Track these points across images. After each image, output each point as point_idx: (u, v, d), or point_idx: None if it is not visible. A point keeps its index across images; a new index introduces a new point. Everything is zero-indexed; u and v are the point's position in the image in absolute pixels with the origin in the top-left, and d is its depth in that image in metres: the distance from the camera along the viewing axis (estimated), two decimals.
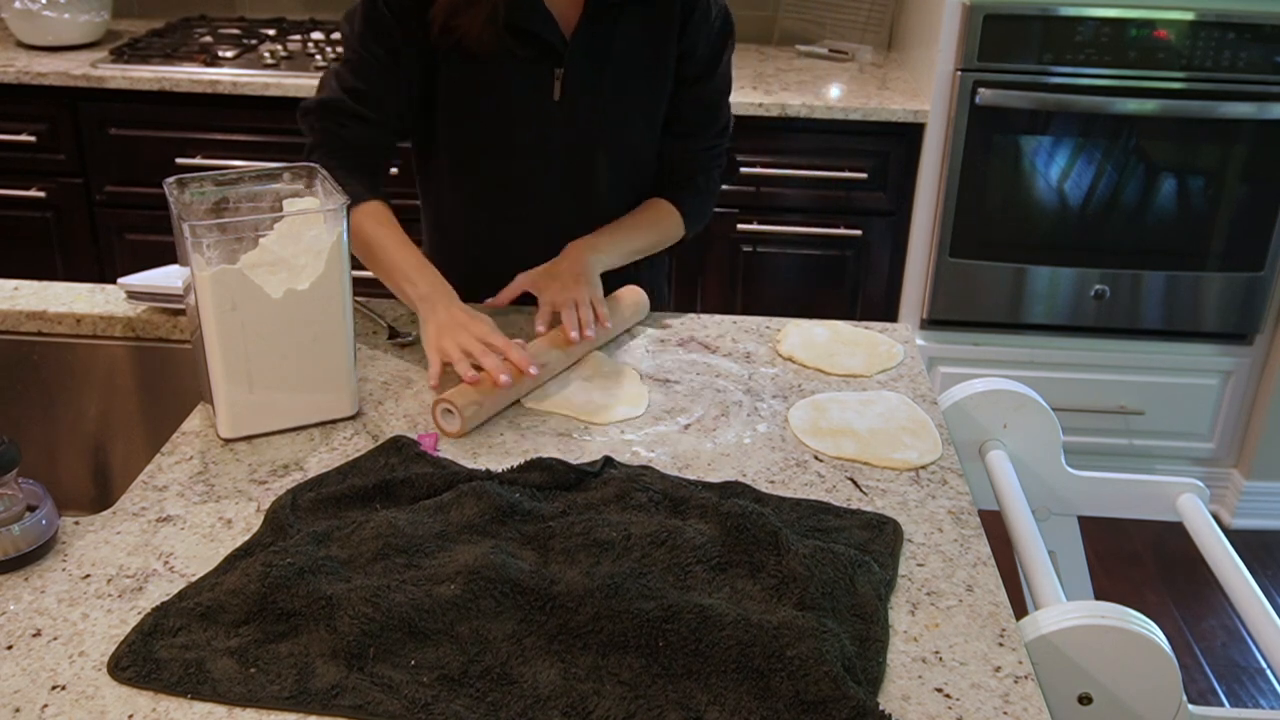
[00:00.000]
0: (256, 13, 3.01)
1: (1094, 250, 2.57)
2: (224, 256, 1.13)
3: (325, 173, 1.23)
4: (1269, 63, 2.41)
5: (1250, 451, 2.76)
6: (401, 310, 1.50)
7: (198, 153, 2.50)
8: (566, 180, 1.49)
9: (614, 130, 1.48)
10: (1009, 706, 0.88)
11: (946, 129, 2.47)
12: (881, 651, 0.92)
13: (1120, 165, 2.51)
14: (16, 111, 2.51)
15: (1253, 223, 2.54)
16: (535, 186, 1.49)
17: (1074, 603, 1.07)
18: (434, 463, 1.15)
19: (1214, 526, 1.38)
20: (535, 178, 1.49)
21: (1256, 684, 2.34)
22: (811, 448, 1.23)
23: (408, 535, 1.00)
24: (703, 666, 0.88)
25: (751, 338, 1.47)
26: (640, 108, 1.48)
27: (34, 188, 2.56)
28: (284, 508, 1.06)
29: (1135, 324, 2.64)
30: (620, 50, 1.42)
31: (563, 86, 1.42)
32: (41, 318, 1.45)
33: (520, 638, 0.91)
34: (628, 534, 1.01)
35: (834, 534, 1.06)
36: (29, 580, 0.98)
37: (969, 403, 1.43)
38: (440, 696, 0.85)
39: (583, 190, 1.50)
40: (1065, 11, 2.37)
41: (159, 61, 2.52)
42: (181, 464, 1.16)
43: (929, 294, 2.61)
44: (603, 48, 1.42)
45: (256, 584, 0.93)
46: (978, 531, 1.10)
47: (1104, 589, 2.46)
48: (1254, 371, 2.70)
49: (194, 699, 0.85)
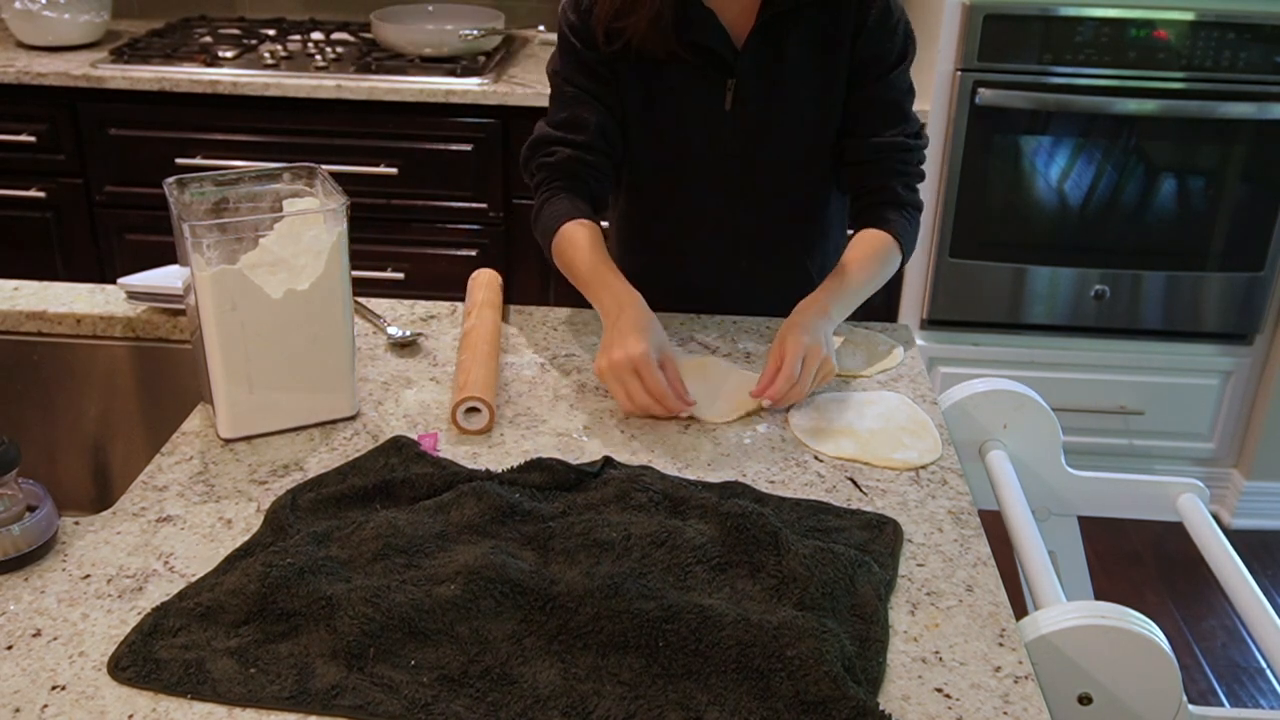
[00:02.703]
0: (256, 13, 3.01)
1: (1094, 250, 2.57)
2: (224, 256, 1.13)
3: (325, 174, 1.23)
4: (1269, 63, 2.41)
5: (1250, 451, 2.76)
6: (402, 310, 1.50)
7: (198, 153, 2.50)
8: (738, 188, 1.49)
9: (784, 139, 1.47)
10: (1009, 706, 0.88)
11: (946, 129, 2.47)
12: (881, 651, 0.92)
13: (1120, 165, 2.51)
14: (16, 111, 2.51)
15: (1253, 223, 2.54)
16: (707, 193, 1.50)
17: (1074, 603, 1.07)
18: (434, 463, 1.15)
19: (1214, 526, 1.38)
20: (707, 185, 1.49)
21: (1256, 684, 2.34)
22: (811, 448, 1.23)
23: (408, 535, 1.00)
24: (703, 666, 0.88)
25: (751, 338, 1.47)
26: (811, 116, 1.46)
27: (34, 188, 2.56)
28: (284, 508, 1.06)
29: (1135, 324, 2.64)
30: (792, 60, 1.41)
31: (734, 96, 1.43)
32: (41, 318, 1.45)
33: (520, 638, 0.91)
34: (628, 534, 1.01)
35: (834, 534, 1.06)
36: (29, 580, 0.98)
37: (969, 403, 1.43)
38: (440, 696, 0.85)
39: (752, 197, 1.50)
40: (1065, 11, 2.37)
41: (159, 61, 2.52)
42: (181, 464, 1.16)
43: (929, 294, 2.61)
44: (775, 58, 1.41)
45: (256, 584, 0.93)
46: (978, 531, 1.10)
47: (1104, 589, 2.46)
48: (1254, 371, 2.70)
49: (194, 699, 0.85)
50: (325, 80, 2.42)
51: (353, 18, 2.93)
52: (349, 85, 2.41)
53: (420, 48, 2.59)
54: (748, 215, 1.51)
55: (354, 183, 2.45)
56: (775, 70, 1.42)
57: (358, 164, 2.48)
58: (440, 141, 2.47)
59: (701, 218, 1.52)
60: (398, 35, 2.61)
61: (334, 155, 2.47)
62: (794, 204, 1.53)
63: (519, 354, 1.40)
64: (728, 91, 1.43)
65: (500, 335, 1.40)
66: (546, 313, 1.51)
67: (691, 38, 1.39)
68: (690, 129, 1.46)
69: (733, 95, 1.43)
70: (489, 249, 2.57)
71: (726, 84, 1.42)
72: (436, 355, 1.39)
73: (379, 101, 2.44)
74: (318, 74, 2.45)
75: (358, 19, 2.91)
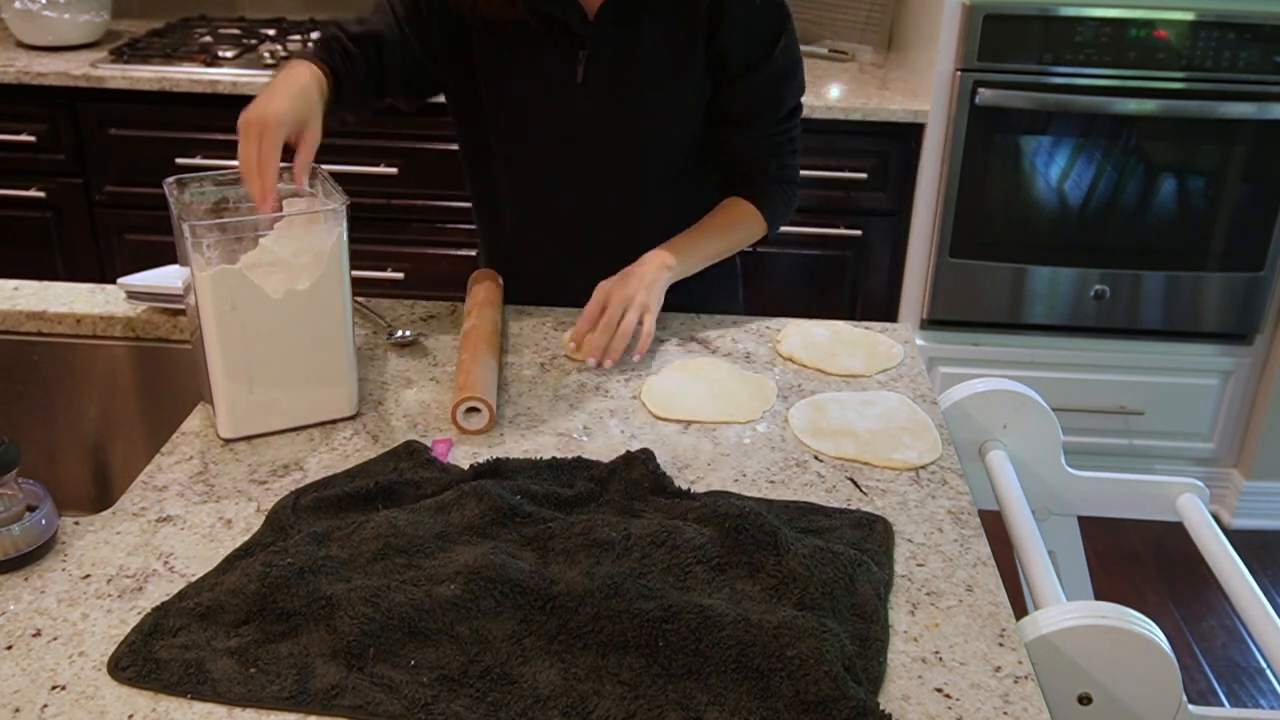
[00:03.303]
0: (256, 13, 3.01)
1: (1094, 250, 2.57)
2: (224, 256, 1.13)
3: (325, 174, 1.24)
4: (1269, 63, 2.41)
5: (1250, 451, 2.76)
6: (401, 310, 1.50)
7: (198, 153, 2.50)
8: (597, 165, 1.47)
9: (642, 117, 1.45)
10: (1009, 706, 0.88)
11: (946, 129, 2.47)
12: (881, 651, 0.92)
13: (1120, 165, 2.51)
14: (16, 111, 2.51)
15: (1253, 223, 2.55)
16: (565, 169, 1.48)
17: (1074, 603, 1.07)
18: (443, 469, 1.14)
19: (1214, 526, 1.38)
20: (564, 160, 1.47)
21: (1256, 684, 2.34)
22: (811, 448, 1.23)
23: (408, 535, 1.00)
24: (703, 666, 0.88)
25: (751, 338, 1.47)
26: (669, 96, 1.44)
27: (34, 188, 2.56)
28: (285, 508, 1.06)
29: (1135, 324, 2.64)
30: (646, 37, 1.40)
31: (585, 70, 1.41)
32: (41, 318, 1.45)
33: (520, 638, 0.91)
34: (628, 534, 1.01)
35: (825, 534, 1.06)
36: (29, 580, 0.98)
37: (969, 403, 1.43)
38: (440, 696, 0.85)
39: (617, 177, 1.48)
40: (1065, 11, 2.37)
41: (159, 61, 2.52)
42: (181, 464, 1.16)
43: (929, 294, 2.61)
44: (627, 33, 1.40)
45: (256, 584, 0.93)
46: (978, 531, 1.10)
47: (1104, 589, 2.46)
48: (1254, 371, 2.70)
49: (194, 699, 0.85)
50: None
51: None
52: None
53: None
54: (609, 198, 1.49)
55: (354, 183, 2.45)
56: (628, 45, 1.40)
57: (358, 164, 2.49)
58: (440, 141, 2.47)
59: (560, 192, 1.49)
60: None
61: (334, 155, 2.46)
62: (658, 187, 1.50)
63: (519, 354, 1.40)
64: (579, 64, 1.41)
65: (500, 334, 1.40)
66: (546, 313, 1.51)
67: (540, 7, 1.37)
68: (542, 99, 1.44)
69: (584, 68, 1.41)
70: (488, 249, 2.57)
71: (578, 56, 1.40)
72: (436, 355, 1.39)
73: None
74: None
75: None
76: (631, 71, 1.41)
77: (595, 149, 1.46)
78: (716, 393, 1.32)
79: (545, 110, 1.44)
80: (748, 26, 1.41)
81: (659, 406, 1.28)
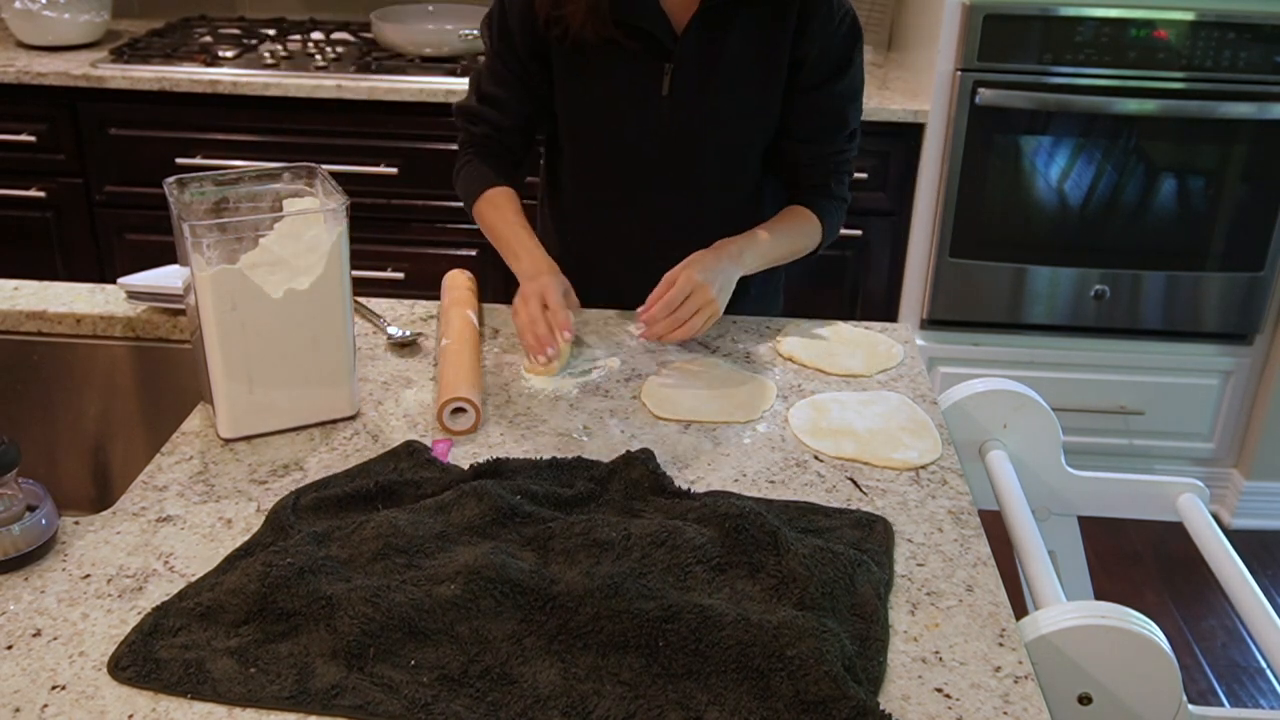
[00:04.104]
0: (256, 13, 3.01)
1: (1094, 250, 2.57)
2: (224, 256, 1.13)
3: (325, 174, 1.23)
4: (1269, 63, 2.41)
5: (1250, 451, 2.76)
6: (401, 310, 1.50)
7: (198, 153, 2.50)
8: (673, 174, 1.50)
9: (721, 128, 1.48)
10: (1009, 706, 0.88)
11: (946, 129, 2.47)
12: (881, 651, 0.92)
13: (1120, 165, 2.51)
14: (16, 111, 2.51)
15: (1253, 223, 2.54)
16: (643, 179, 1.51)
17: (1074, 603, 1.07)
18: (443, 469, 1.14)
19: (1214, 526, 1.38)
20: (643, 170, 1.50)
21: (1256, 684, 2.34)
22: (811, 448, 1.23)
23: (408, 535, 1.00)
24: (703, 666, 0.88)
25: (751, 338, 1.47)
26: (749, 108, 1.47)
27: (34, 188, 2.56)
28: (285, 508, 1.06)
29: (1135, 324, 2.64)
30: (732, 50, 1.43)
31: (672, 82, 1.44)
32: (41, 318, 1.45)
33: (520, 638, 0.91)
34: (628, 534, 1.01)
35: (825, 534, 1.06)
36: (29, 580, 0.98)
37: (969, 403, 1.43)
38: (440, 696, 0.85)
39: (688, 185, 1.51)
40: (1065, 11, 2.37)
41: (159, 61, 2.52)
42: (181, 464, 1.16)
43: (929, 294, 2.61)
44: (715, 46, 1.42)
45: (256, 584, 0.93)
46: (978, 531, 1.10)
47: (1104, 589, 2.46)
48: (1254, 371, 2.70)
49: (194, 699, 0.85)
50: (325, 80, 2.42)
51: (353, 17, 2.93)
52: (349, 85, 2.41)
53: (420, 48, 2.59)
54: (682, 205, 1.52)
55: (354, 183, 2.45)
56: (714, 58, 1.43)
57: (358, 164, 2.49)
58: (440, 141, 2.47)
59: (635, 200, 1.53)
60: (398, 35, 2.61)
61: (334, 155, 2.47)
62: (728, 195, 1.53)
63: (519, 354, 1.40)
64: (665, 76, 1.43)
65: (477, 332, 1.40)
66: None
67: (631, 21, 1.40)
68: (626, 111, 1.47)
69: (670, 80, 1.43)
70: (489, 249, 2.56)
71: (664, 68, 1.43)
72: (436, 355, 1.39)
73: (379, 101, 2.44)
74: (318, 74, 2.45)
75: (358, 19, 2.91)
76: (718, 82, 1.44)
77: (672, 158, 1.49)
78: (716, 393, 1.32)
79: (627, 122, 1.47)
80: (829, 38, 1.44)
81: (659, 406, 1.28)
